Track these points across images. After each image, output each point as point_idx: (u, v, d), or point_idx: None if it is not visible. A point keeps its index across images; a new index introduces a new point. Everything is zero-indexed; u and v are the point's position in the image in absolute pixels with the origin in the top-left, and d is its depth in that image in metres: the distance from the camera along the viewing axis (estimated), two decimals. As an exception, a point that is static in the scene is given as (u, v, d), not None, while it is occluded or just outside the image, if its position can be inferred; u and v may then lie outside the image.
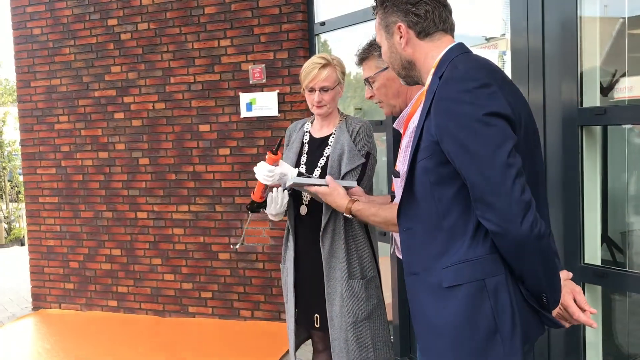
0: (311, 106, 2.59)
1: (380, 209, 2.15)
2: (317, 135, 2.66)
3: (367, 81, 2.22)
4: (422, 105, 2.03)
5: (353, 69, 4.61)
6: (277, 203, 2.50)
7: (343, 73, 2.62)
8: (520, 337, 1.50)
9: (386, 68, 2.13)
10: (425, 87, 1.65)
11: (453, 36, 1.71)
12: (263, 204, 2.55)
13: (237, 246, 3.11)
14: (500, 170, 1.41)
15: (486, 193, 1.43)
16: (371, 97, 2.23)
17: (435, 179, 1.55)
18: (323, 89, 2.53)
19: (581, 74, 2.69)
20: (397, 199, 1.96)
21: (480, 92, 1.45)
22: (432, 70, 1.63)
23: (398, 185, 2.02)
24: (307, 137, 2.69)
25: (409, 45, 1.69)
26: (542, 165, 1.70)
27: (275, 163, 2.42)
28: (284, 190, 2.48)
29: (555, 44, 2.74)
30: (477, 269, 1.50)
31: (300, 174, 2.47)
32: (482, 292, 1.49)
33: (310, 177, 2.46)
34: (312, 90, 2.54)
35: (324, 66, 2.53)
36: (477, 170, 1.44)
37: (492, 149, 1.42)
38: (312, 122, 2.73)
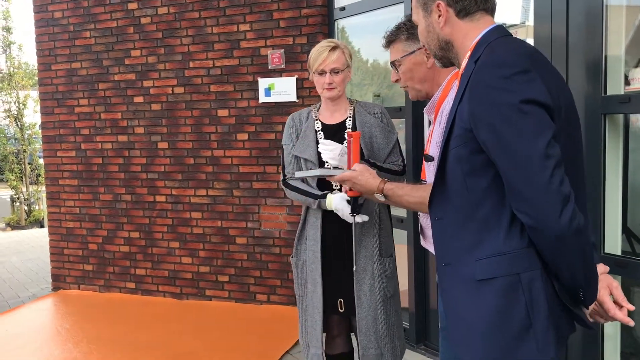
0: (321, 90, 2.62)
1: (413, 189, 2.04)
2: (330, 122, 2.67)
3: (393, 64, 2.18)
4: (454, 90, 2.00)
5: (370, 56, 4.59)
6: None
7: (350, 57, 2.65)
8: (554, 333, 1.45)
9: (413, 52, 2.09)
10: (460, 71, 1.59)
11: (494, 17, 1.62)
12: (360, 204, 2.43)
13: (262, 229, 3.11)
14: (538, 161, 1.34)
15: (522, 185, 1.37)
16: (397, 80, 2.18)
17: (468, 168, 1.49)
18: (334, 71, 2.57)
19: (605, 62, 2.65)
20: (430, 181, 1.94)
21: (518, 78, 1.38)
22: (468, 54, 1.56)
23: (430, 169, 1.98)
24: (318, 125, 2.68)
25: (447, 25, 1.61)
26: (582, 156, 1.62)
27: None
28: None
29: (580, 31, 2.71)
30: (512, 262, 1.44)
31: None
32: (516, 287, 1.44)
33: (324, 170, 2.45)
34: (322, 73, 2.57)
35: (333, 48, 2.58)
36: (512, 161, 1.37)
37: (529, 138, 1.35)
38: (318, 110, 2.73)
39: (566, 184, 1.36)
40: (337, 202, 2.51)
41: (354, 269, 2.58)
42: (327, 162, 2.57)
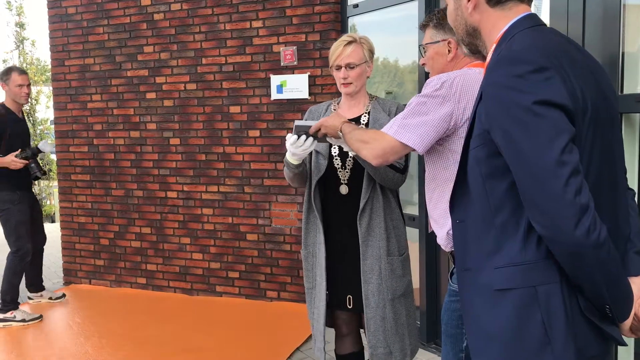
0: (339, 85, 2.60)
1: (361, 132, 2.09)
2: (347, 116, 2.63)
3: (421, 48, 2.22)
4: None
5: (381, 54, 4.57)
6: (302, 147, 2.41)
7: (371, 52, 2.62)
8: (574, 352, 1.35)
9: (437, 42, 2.12)
10: (486, 64, 1.51)
11: (530, 5, 1.50)
12: None
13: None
14: (551, 168, 1.24)
15: (534, 193, 1.27)
16: (424, 64, 2.23)
17: (486, 170, 1.40)
18: (349, 66, 2.54)
19: (623, 60, 2.63)
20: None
21: (533, 77, 1.28)
22: (494, 46, 1.47)
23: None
24: None
25: (476, 11, 1.50)
26: (621, 162, 1.49)
27: None
28: (298, 138, 2.39)
29: (597, 29, 2.68)
30: (528, 274, 1.35)
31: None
32: (533, 300, 1.34)
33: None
34: (338, 68, 2.56)
35: (349, 43, 2.55)
36: (524, 168, 1.28)
37: (543, 143, 1.25)
38: (338, 104, 2.72)
39: (584, 193, 1.26)
40: (287, 145, 2.45)
41: (361, 268, 2.57)
42: (332, 151, 2.56)
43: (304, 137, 2.37)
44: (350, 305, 2.66)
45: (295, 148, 2.40)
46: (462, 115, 1.89)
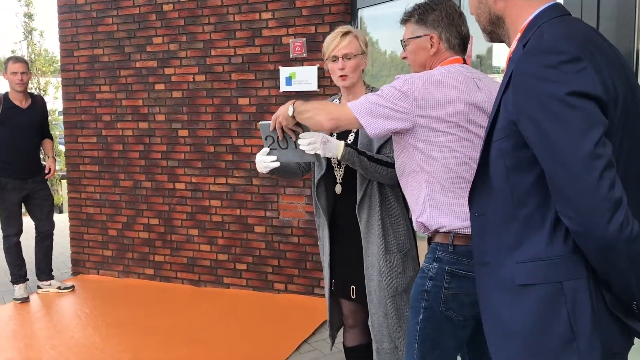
0: (335, 78, 2.58)
1: (315, 102, 2.13)
2: None
3: (402, 42, 2.22)
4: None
5: (388, 48, 4.55)
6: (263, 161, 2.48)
7: (365, 45, 2.60)
8: (600, 348, 1.33)
9: (419, 37, 2.11)
10: (509, 54, 1.48)
11: None
12: None
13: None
14: (585, 161, 1.21)
15: (567, 187, 1.24)
16: (405, 58, 2.24)
17: (512, 163, 1.38)
18: (346, 57, 2.52)
19: (637, 55, 2.61)
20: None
21: (566, 68, 1.25)
22: (519, 35, 1.43)
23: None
24: None
25: None
26: None
27: None
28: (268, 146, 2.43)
29: (611, 24, 2.66)
30: (554, 269, 1.33)
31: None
32: (558, 296, 1.32)
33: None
34: (335, 59, 2.54)
35: (345, 34, 2.54)
36: (556, 160, 1.25)
37: (576, 136, 1.22)
38: (339, 99, 2.73)
39: (618, 187, 1.23)
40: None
41: (364, 264, 2.59)
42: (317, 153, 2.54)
43: (273, 156, 2.40)
44: (353, 296, 2.68)
45: (261, 161, 2.44)
46: (419, 114, 1.94)
